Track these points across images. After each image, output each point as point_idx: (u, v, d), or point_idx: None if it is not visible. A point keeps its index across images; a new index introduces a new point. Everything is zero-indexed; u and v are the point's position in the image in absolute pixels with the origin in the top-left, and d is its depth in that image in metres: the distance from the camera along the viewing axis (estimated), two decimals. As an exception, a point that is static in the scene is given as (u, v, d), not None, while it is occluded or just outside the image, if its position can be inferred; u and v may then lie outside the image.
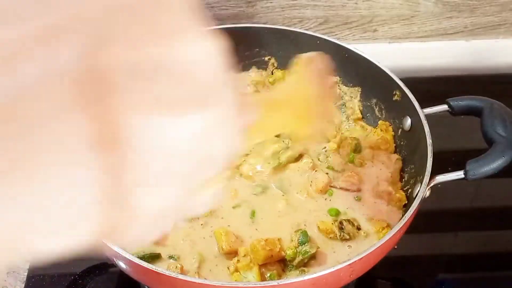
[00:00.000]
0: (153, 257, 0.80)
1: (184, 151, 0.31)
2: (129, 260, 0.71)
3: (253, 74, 1.06)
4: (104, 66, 0.27)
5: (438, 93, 0.96)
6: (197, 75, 0.32)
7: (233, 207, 0.87)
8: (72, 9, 0.28)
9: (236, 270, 0.78)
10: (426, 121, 0.86)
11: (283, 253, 0.79)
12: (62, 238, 0.28)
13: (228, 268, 0.79)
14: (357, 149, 0.94)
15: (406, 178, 0.89)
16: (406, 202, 0.87)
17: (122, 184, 0.29)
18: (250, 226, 0.85)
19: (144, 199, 0.30)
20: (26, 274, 0.93)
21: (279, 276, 0.78)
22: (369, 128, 1.00)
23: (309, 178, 0.90)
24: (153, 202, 0.31)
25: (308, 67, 0.68)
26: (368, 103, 1.01)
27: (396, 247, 0.80)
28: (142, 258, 0.76)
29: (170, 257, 0.80)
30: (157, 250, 0.81)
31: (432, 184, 0.79)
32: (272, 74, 1.07)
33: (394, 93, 0.94)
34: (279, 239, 0.80)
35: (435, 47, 1.26)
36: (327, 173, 0.91)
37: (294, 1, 1.17)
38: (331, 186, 0.90)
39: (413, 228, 0.80)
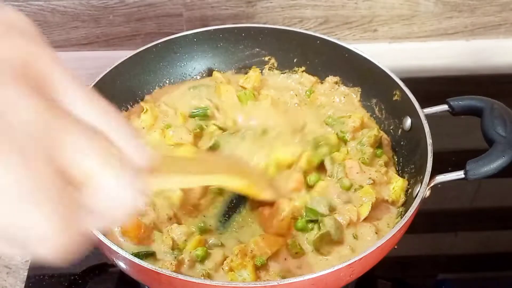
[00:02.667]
0: (148, 255, 0.79)
1: None
2: (129, 260, 0.71)
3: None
4: None
5: (438, 93, 0.96)
6: None
7: None
8: None
9: (231, 269, 0.78)
10: (426, 121, 0.86)
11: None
12: None
13: (222, 268, 0.79)
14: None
15: (406, 178, 0.89)
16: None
17: None
18: None
19: None
20: (26, 274, 0.93)
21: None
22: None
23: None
24: None
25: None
26: (368, 103, 1.01)
27: (396, 247, 0.80)
28: (137, 255, 0.75)
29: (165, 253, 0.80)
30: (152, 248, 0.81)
31: (432, 184, 0.79)
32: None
33: (394, 93, 0.94)
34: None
35: (435, 47, 1.26)
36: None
37: (294, 1, 1.17)
38: None
39: (413, 228, 0.80)
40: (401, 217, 0.78)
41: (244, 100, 0.99)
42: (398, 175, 0.91)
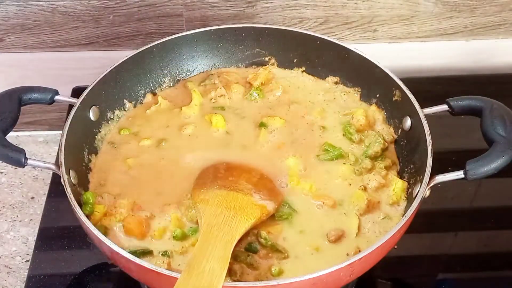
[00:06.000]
0: (145, 253, 0.79)
1: None
2: (129, 259, 0.71)
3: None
4: None
5: (438, 93, 0.96)
6: None
7: None
8: None
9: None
10: (426, 121, 0.86)
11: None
12: None
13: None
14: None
15: (406, 178, 0.89)
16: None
17: None
18: None
19: None
20: (26, 274, 0.93)
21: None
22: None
23: None
24: None
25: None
26: (368, 103, 1.01)
27: (396, 247, 0.80)
28: (134, 253, 0.75)
29: (163, 254, 0.80)
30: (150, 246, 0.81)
31: (432, 184, 0.79)
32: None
33: (394, 93, 0.94)
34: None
35: (435, 47, 1.26)
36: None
37: (294, 1, 1.17)
38: None
39: (413, 228, 0.80)
40: (401, 217, 0.79)
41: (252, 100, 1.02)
42: (398, 174, 0.91)
